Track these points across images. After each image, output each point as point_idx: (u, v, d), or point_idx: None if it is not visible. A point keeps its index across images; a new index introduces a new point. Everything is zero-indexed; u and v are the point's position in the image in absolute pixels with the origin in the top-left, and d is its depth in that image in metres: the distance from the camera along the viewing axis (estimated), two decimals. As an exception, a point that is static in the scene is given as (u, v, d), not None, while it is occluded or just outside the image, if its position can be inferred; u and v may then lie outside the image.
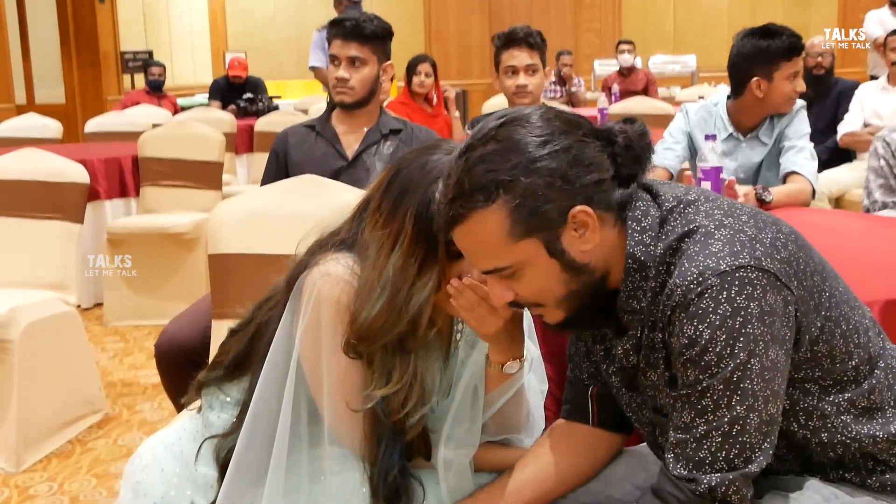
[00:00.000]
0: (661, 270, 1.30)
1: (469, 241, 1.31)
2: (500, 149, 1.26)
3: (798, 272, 1.28)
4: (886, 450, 1.34)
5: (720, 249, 1.25)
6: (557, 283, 1.32)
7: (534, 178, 1.24)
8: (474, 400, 1.62)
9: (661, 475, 1.30)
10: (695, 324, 1.22)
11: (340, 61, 2.95)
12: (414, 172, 1.54)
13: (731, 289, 1.21)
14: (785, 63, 3.11)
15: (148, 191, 5.26)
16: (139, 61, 10.34)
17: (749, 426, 1.23)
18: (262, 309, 1.72)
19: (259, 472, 1.60)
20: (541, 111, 1.31)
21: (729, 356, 1.21)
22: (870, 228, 2.75)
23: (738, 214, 1.32)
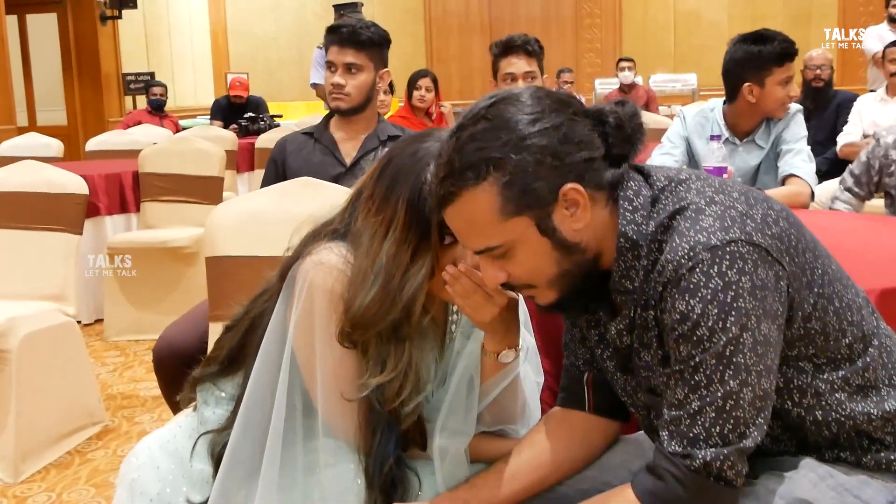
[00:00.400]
0: (652, 248, 1.30)
1: (461, 221, 1.31)
2: (491, 127, 1.27)
3: (790, 248, 1.28)
4: (881, 428, 1.33)
5: (711, 225, 1.24)
6: (549, 263, 1.31)
7: (524, 155, 1.25)
8: (469, 390, 1.61)
9: (656, 452, 1.29)
10: (686, 299, 1.22)
11: (337, 67, 2.96)
12: (406, 160, 1.54)
13: (721, 263, 1.21)
14: (777, 69, 3.12)
15: (148, 206, 5.27)
16: (141, 83, 10.39)
17: (743, 401, 1.22)
18: (257, 302, 1.71)
19: (253, 465, 1.59)
20: (531, 90, 1.31)
21: (721, 330, 1.21)
22: (865, 226, 2.76)
23: (728, 191, 1.32)
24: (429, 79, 6.20)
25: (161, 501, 1.67)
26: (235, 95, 8.92)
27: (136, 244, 4.96)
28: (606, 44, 12.46)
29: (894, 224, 2.85)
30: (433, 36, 12.48)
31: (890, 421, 1.33)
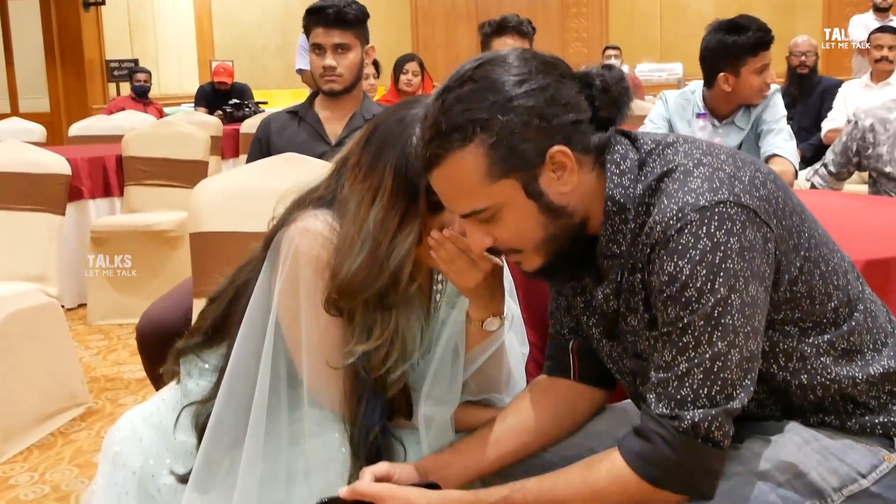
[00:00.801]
0: (640, 211, 1.30)
1: (447, 184, 1.30)
2: (477, 88, 1.26)
3: (777, 211, 1.27)
4: (866, 392, 1.33)
5: (699, 186, 1.24)
6: (536, 226, 1.31)
7: (511, 116, 1.24)
8: (455, 358, 1.60)
9: (643, 415, 1.28)
10: (675, 260, 1.21)
11: (325, 49, 2.93)
12: (392, 126, 1.53)
13: (710, 224, 1.20)
14: (751, 58, 3.12)
15: (132, 190, 5.23)
16: (125, 70, 10.32)
17: (730, 362, 1.22)
18: (241, 272, 1.70)
19: (237, 435, 1.58)
20: (517, 52, 1.30)
21: (709, 291, 1.20)
22: (847, 204, 2.79)
23: (716, 153, 1.31)
24: (415, 63, 6.18)
25: (144, 474, 1.67)
26: (220, 82, 8.88)
27: (119, 228, 4.93)
28: (593, 33, 12.44)
29: (875, 202, 2.87)
30: (419, 23, 12.43)
31: (874, 385, 1.33)
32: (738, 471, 1.29)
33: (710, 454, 1.24)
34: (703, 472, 1.26)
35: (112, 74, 10.67)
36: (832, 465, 1.30)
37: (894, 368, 1.34)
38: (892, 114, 3.04)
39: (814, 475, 1.29)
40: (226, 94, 8.77)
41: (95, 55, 10.82)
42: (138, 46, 11.48)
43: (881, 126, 3.04)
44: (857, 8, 10.05)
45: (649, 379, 1.29)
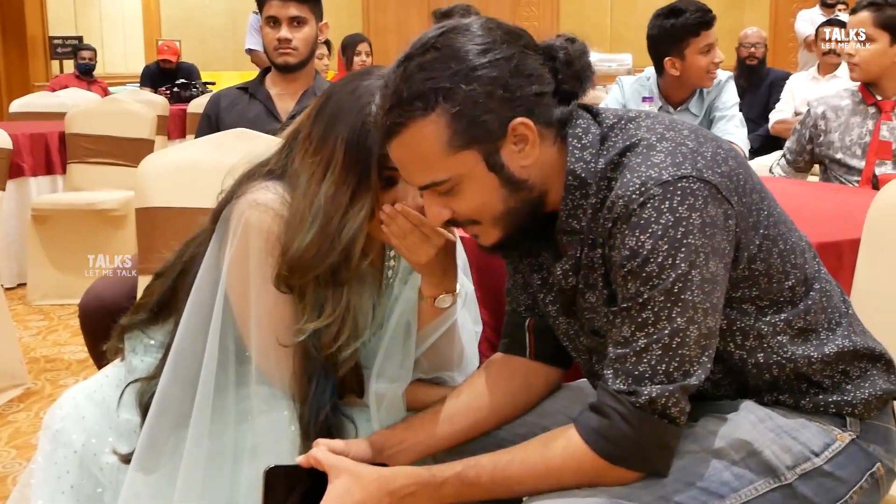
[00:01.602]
0: (601, 186, 1.28)
1: (406, 153, 1.27)
2: (440, 56, 1.23)
3: (738, 188, 1.27)
4: (820, 371, 1.34)
5: (662, 160, 1.23)
6: (496, 199, 1.29)
7: (474, 86, 1.21)
8: (407, 335, 1.58)
9: (600, 391, 1.27)
10: (637, 234, 1.20)
11: (281, 22, 2.89)
12: (345, 98, 1.50)
13: (673, 198, 1.19)
14: (693, 39, 3.17)
15: (75, 168, 5.11)
16: (69, 47, 10.07)
17: (689, 338, 1.21)
18: (189, 247, 1.66)
19: (182, 413, 1.54)
20: (481, 21, 1.28)
21: (670, 267, 1.19)
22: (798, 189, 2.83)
23: (679, 129, 1.30)
24: (367, 44, 6.11)
25: (86, 453, 1.62)
26: (164, 60, 8.72)
27: (61, 206, 4.82)
28: (544, 22, 12.46)
29: (826, 188, 2.91)
30: (370, 7, 12.34)
31: (829, 364, 1.34)
32: (692, 449, 1.29)
33: (666, 430, 1.24)
34: (658, 448, 1.25)
35: (55, 51, 10.41)
36: (786, 443, 1.30)
37: (848, 348, 1.35)
38: (843, 101, 3.08)
39: (767, 453, 1.29)
40: (172, 74, 8.61)
41: (38, 31, 10.57)
42: (83, 23, 11.24)
43: (833, 113, 3.08)
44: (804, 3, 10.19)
45: (606, 356, 1.28)
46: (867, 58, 2.95)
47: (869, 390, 1.35)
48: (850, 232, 1.88)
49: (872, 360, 1.38)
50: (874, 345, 1.39)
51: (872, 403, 1.35)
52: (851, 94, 3.08)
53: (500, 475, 1.30)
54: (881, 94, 2.99)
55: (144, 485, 1.54)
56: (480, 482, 1.30)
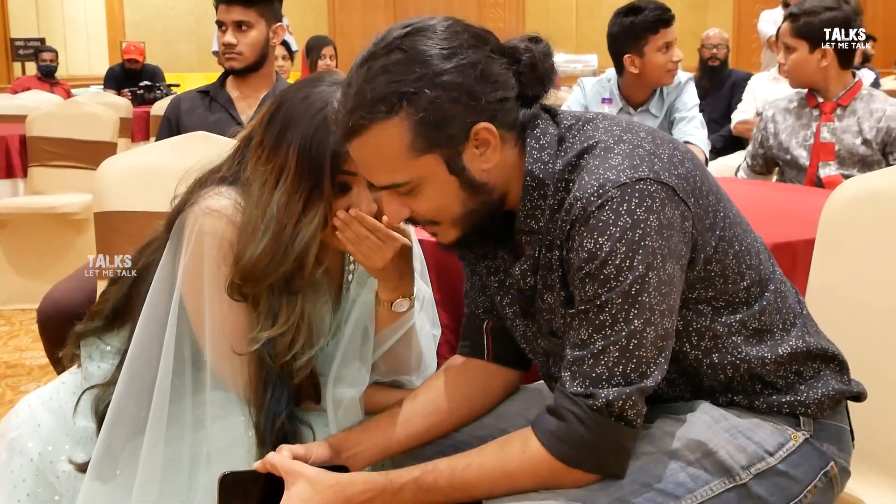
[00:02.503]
0: (559, 188, 1.28)
1: (367, 154, 1.27)
2: (405, 59, 1.22)
3: (695, 189, 1.27)
4: (774, 371, 1.35)
5: (620, 163, 1.23)
6: (455, 201, 1.29)
7: (439, 92, 1.21)
8: (364, 339, 1.58)
9: (557, 393, 1.27)
10: (595, 236, 1.20)
11: (226, 26, 2.88)
12: (296, 105, 1.49)
13: (630, 200, 1.20)
14: (652, 36, 3.19)
15: (36, 171, 5.05)
16: (30, 48, 9.97)
17: (646, 340, 1.22)
18: (143, 254, 1.65)
19: (139, 420, 1.53)
20: (447, 22, 1.26)
21: (628, 269, 1.19)
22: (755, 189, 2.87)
23: (636, 131, 1.30)
24: (332, 47, 6.08)
25: (43, 461, 1.60)
26: (130, 59, 8.65)
27: (22, 209, 4.77)
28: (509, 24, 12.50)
29: (781, 188, 2.95)
30: (336, 10, 12.32)
31: (782, 365, 1.35)
32: (648, 450, 1.29)
33: (623, 433, 1.24)
34: (615, 451, 1.25)
35: (17, 53, 10.31)
36: (740, 443, 1.31)
37: (801, 349, 1.36)
38: (791, 104, 3.13)
39: (722, 453, 1.29)
40: (136, 76, 8.54)
41: (-1, 33, 10.46)
42: (45, 25, 11.12)
43: (781, 116, 3.13)
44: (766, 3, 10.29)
45: (564, 358, 1.28)
46: (792, 67, 3.02)
47: (822, 390, 1.36)
48: (805, 232, 1.90)
49: (826, 360, 1.39)
50: (827, 345, 1.40)
51: (825, 403, 1.36)
52: (799, 98, 3.13)
53: (457, 479, 1.30)
54: (823, 96, 3.04)
55: (101, 493, 1.53)
56: (438, 487, 1.30)
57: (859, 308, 1.70)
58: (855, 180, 1.79)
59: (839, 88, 3.01)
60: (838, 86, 3.01)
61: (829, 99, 3.02)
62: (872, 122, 2.95)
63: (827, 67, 2.96)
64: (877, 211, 1.69)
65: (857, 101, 3.01)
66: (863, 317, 1.69)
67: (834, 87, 3.01)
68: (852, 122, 2.99)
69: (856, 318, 1.68)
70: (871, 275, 1.69)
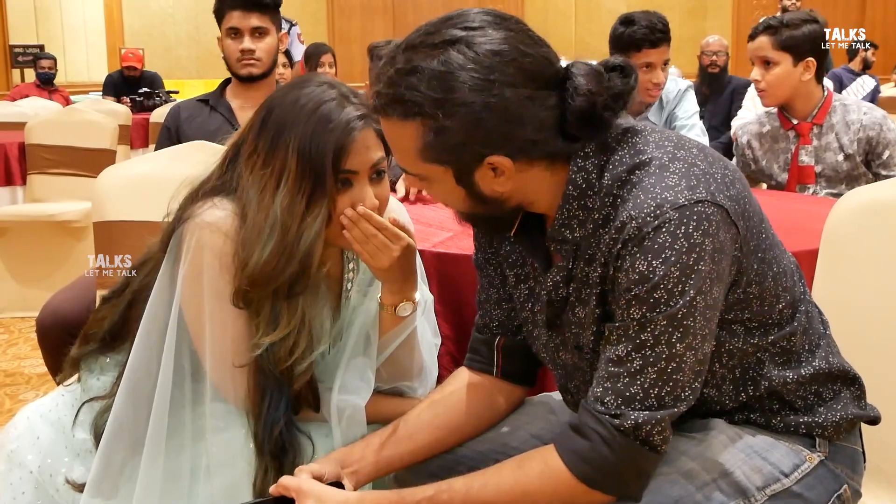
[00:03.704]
0: (606, 202, 1.23)
1: (389, 134, 1.27)
2: (437, 74, 1.16)
3: (744, 212, 1.24)
4: (794, 391, 1.33)
5: (677, 183, 1.18)
6: (462, 205, 1.29)
7: (455, 122, 1.16)
8: (367, 346, 1.58)
9: (582, 410, 1.24)
10: (648, 258, 1.16)
11: (243, 33, 2.87)
12: (288, 108, 1.49)
13: (689, 224, 1.15)
14: (635, 53, 3.11)
15: (35, 179, 5.04)
16: (29, 55, 9.98)
17: (685, 364, 1.19)
18: (139, 274, 1.63)
19: (138, 433, 1.52)
20: (501, 46, 1.17)
21: (679, 294, 1.16)
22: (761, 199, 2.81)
23: (688, 147, 1.25)
24: (330, 55, 6.08)
25: (42, 474, 1.59)
26: (129, 67, 8.64)
27: (21, 217, 4.76)
28: (508, 30, 12.50)
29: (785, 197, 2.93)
30: (335, 16, 12.33)
31: (803, 385, 1.33)
32: (664, 470, 1.27)
33: (646, 457, 1.22)
34: (636, 474, 1.23)
35: (16, 60, 10.32)
36: (756, 463, 1.29)
37: (824, 370, 1.34)
38: (764, 128, 3.07)
39: (738, 474, 1.27)
40: (135, 83, 8.53)
41: (-2, 40, 10.46)
42: (44, 32, 11.13)
43: (756, 142, 3.07)
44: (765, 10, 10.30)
45: (585, 373, 1.26)
46: (773, 82, 2.92)
47: (840, 413, 1.34)
48: (809, 243, 1.89)
49: (846, 382, 1.37)
50: (848, 367, 1.38)
51: (842, 426, 1.34)
52: (770, 119, 3.06)
53: (473, 499, 1.27)
54: (796, 117, 2.98)
55: (101, 508, 1.52)
56: None
57: (864, 320, 1.69)
58: (859, 191, 1.78)
59: (812, 104, 2.95)
60: (812, 101, 2.95)
61: (803, 118, 2.96)
62: (851, 135, 2.91)
63: (807, 81, 2.91)
64: (881, 222, 1.68)
65: (832, 115, 2.96)
66: (866, 328, 1.68)
67: (809, 102, 2.95)
68: (831, 139, 2.94)
69: (860, 330, 1.67)
70: (875, 286, 1.68)
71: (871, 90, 6.71)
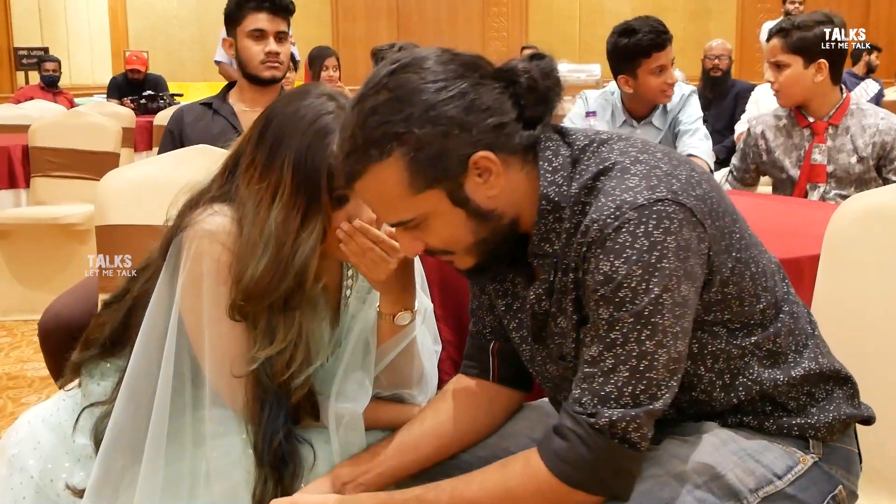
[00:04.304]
0: (575, 211, 1.26)
1: (370, 196, 1.27)
2: (392, 98, 1.21)
3: (712, 211, 1.25)
4: (786, 393, 1.33)
5: (637, 184, 1.21)
6: (465, 232, 1.28)
7: (428, 129, 1.19)
8: (365, 353, 1.58)
9: (562, 412, 1.26)
10: (611, 259, 1.18)
11: (269, 35, 2.87)
12: (286, 120, 1.48)
13: (648, 222, 1.18)
14: (645, 60, 3.14)
15: (39, 181, 5.04)
16: (34, 58, 9.98)
17: (657, 362, 1.20)
18: (139, 280, 1.63)
19: (138, 439, 1.52)
20: (436, 54, 1.25)
21: (644, 291, 1.18)
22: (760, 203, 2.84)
23: (652, 151, 1.28)
24: (334, 58, 6.09)
25: (43, 479, 1.59)
26: (133, 70, 8.65)
27: (24, 220, 4.77)
28: (512, 32, 12.51)
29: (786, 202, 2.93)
30: (339, 19, 12.34)
31: (794, 387, 1.33)
32: (655, 472, 1.28)
33: (625, 455, 1.22)
34: (617, 473, 1.24)
35: (21, 63, 10.32)
36: (749, 465, 1.29)
37: (814, 370, 1.34)
38: (781, 121, 3.07)
39: (731, 476, 1.28)
40: (139, 85, 8.55)
41: (3, 42, 10.49)
42: (49, 34, 11.14)
43: (771, 133, 3.07)
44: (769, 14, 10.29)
45: (572, 383, 1.26)
46: (786, 83, 2.94)
47: (833, 414, 1.35)
48: (810, 248, 1.89)
49: (838, 382, 1.38)
50: (840, 367, 1.39)
51: (835, 427, 1.35)
52: (788, 113, 3.07)
53: (458, 496, 1.29)
54: (812, 116, 2.98)
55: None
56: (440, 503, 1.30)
57: (864, 324, 1.69)
58: (860, 196, 1.78)
59: (829, 106, 2.96)
60: (829, 102, 2.96)
61: (819, 118, 2.97)
62: (867, 139, 2.92)
63: (822, 82, 2.91)
64: (883, 227, 1.68)
65: (849, 117, 2.96)
66: (868, 333, 1.68)
67: (825, 103, 2.96)
68: (846, 141, 2.94)
69: (861, 335, 1.68)
70: (876, 291, 1.68)
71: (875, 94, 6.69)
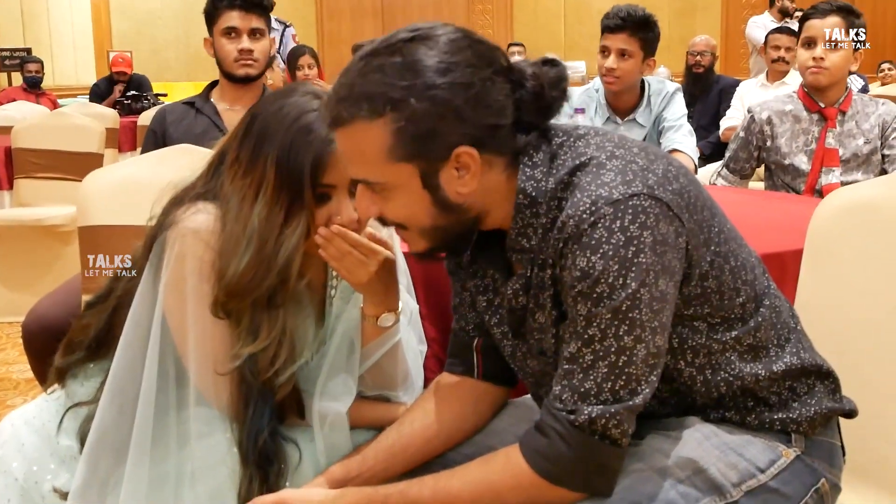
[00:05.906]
0: (552, 206, 1.26)
1: (348, 145, 1.26)
2: (401, 64, 1.20)
3: (689, 205, 1.25)
4: (767, 388, 1.33)
5: (612, 179, 1.21)
6: (425, 215, 1.28)
7: (426, 105, 1.19)
8: (350, 353, 1.57)
9: (543, 408, 1.26)
10: (587, 255, 1.18)
11: (241, 33, 2.86)
12: (271, 117, 1.48)
13: (624, 217, 1.18)
14: (601, 38, 3.23)
15: (22, 183, 5.02)
16: (16, 59, 9.89)
17: (636, 357, 1.20)
18: (122, 280, 1.63)
19: (122, 438, 1.51)
20: (455, 35, 1.24)
21: (621, 287, 1.18)
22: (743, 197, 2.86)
23: (629, 146, 1.28)
24: (308, 56, 6.07)
25: (28, 481, 1.59)
26: (118, 72, 8.59)
27: (8, 222, 4.74)
28: (498, 30, 12.51)
29: (770, 196, 2.94)
30: (324, 19, 12.32)
31: (776, 381, 1.34)
32: (637, 467, 1.28)
33: (605, 451, 1.23)
34: (598, 469, 1.24)
35: (3, 64, 10.24)
36: (731, 460, 1.29)
37: (796, 365, 1.35)
38: (787, 106, 3.08)
39: (713, 471, 1.28)
40: (124, 87, 8.50)
41: (-16, 44, 10.39)
42: (31, 35, 11.07)
43: (778, 119, 3.08)
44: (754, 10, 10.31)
45: (552, 378, 1.26)
46: (838, 62, 2.95)
47: (815, 408, 1.35)
48: (793, 243, 1.89)
49: (819, 377, 1.38)
50: (821, 361, 1.39)
51: (817, 420, 1.35)
52: (793, 100, 3.10)
53: (441, 492, 1.30)
54: (824, 101, 3.01)
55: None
56: (423, 498, 1.31)
57: (848, 319, 1.69)
58: (842, 191, 1.79)
59: (841, 93, 3.02)
60: (841, 90, 3.02)
61: (830, 104, 3.01)
62: (872, 121, 2.99)
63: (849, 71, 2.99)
64: (865, 221, 1.68)
65: (853, 105, 3.04)
66: (851, 328, 1.68)
67: (841, 90, 3.02)
68: (853, 126, 3.01)
69: (844, 330, 1.68)
70: (859, 286, 1.68)
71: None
